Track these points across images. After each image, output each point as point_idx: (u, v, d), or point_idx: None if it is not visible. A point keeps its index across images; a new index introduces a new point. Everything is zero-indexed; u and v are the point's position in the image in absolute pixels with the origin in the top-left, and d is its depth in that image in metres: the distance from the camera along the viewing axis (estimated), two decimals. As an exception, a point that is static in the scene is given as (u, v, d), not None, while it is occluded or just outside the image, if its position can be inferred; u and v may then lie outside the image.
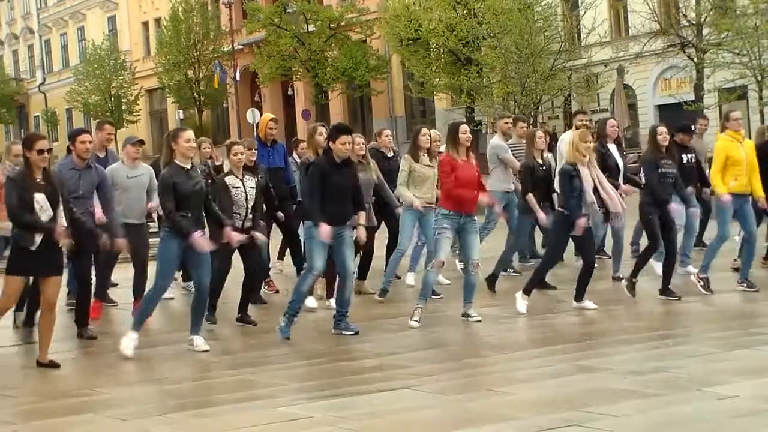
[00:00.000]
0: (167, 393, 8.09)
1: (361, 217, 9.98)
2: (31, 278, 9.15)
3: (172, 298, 12.26)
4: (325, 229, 9.51)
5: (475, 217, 10.52)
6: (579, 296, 10.89)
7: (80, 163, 10.25)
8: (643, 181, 14.50)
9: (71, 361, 9.23)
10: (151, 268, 12.41)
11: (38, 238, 8.59)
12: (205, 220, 9.64)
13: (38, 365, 8.83)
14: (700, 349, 8.69)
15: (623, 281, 11.67)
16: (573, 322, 10.31)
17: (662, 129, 11.51)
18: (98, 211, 10.31)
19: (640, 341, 9.31)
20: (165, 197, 9.19)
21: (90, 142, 10.34)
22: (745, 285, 11.67)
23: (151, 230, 13.98)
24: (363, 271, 12.23)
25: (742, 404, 6.85)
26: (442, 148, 12.35)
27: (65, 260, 9.38)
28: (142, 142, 11.65)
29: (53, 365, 8.83)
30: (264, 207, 11.21)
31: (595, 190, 10.67)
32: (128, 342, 9.20)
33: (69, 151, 10.42)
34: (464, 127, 10.49)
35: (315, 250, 9.73)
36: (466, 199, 10.24)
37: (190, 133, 9.30)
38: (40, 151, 8.63)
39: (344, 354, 9.09)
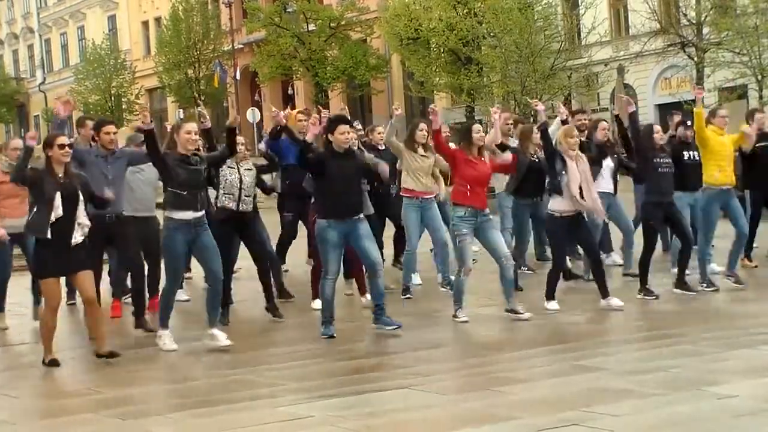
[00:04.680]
0: (167, 393, 8.11)
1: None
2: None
3: (188, 300, 12.17)
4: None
5: (490, 215, 10.48)
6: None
7: (105, 153, 10.31)
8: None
9: (71, 360, 9.22)
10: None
11: (49, 227, 8.59)
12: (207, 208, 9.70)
13: (98, 356, 8.87)
14: (699, 349, 8.69)
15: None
16: (572, 322, 10.30)
17: (658, 128, 11.44)
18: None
19: (640, 341, 9.31)
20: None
21: (115, 132, 10.41)
22: (732, 279, 11.68)
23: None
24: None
25: (741, 404, 6.86)
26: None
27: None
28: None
29: (113, 355, 8.86)
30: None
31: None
32: (162, 340, 9.37)
33: (93, 140, 10.47)
34: (477, 127, 10.54)
35: (328, 254, 9.70)
36: (477, 193, 10.22)
37: (190, 126, 9.42)
38: (61, 146, 8.70)
39: (344, 354, 9.08)
